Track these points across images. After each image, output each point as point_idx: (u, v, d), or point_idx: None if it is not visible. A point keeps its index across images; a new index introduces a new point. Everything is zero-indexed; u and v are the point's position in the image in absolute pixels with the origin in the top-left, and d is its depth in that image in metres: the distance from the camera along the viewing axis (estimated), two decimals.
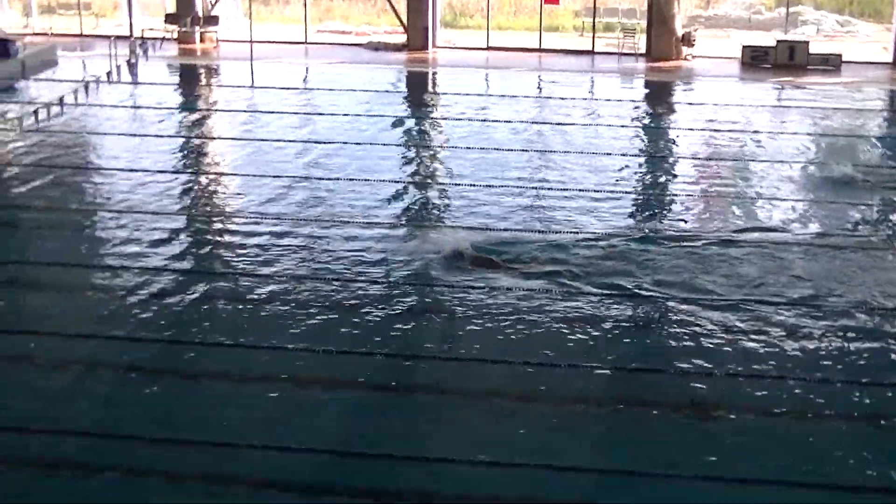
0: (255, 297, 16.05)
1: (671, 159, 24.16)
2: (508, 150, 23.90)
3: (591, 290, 15.89)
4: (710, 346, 14.23)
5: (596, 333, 14.62)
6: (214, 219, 19.69)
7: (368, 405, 13.18)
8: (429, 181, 22.39)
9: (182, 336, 14.77)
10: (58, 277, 16.98)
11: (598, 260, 17.17)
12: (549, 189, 21.23)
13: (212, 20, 36.90)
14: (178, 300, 15.94)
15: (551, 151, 24.00)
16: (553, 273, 16.52)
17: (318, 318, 15.34)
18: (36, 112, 22.69)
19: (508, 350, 14.11)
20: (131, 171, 22.44)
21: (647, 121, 28.49)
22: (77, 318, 15.38)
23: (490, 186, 21.21)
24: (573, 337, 14.53)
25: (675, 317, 15.18)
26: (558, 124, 26.74)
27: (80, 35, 38.13)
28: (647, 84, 33.45)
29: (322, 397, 13.37)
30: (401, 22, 37.03)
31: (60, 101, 23.74)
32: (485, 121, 27.02)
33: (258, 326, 15.07)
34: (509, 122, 26.78)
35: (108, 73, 27.84)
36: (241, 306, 15.80)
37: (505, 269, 16.92)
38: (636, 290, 15.90)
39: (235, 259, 17.51)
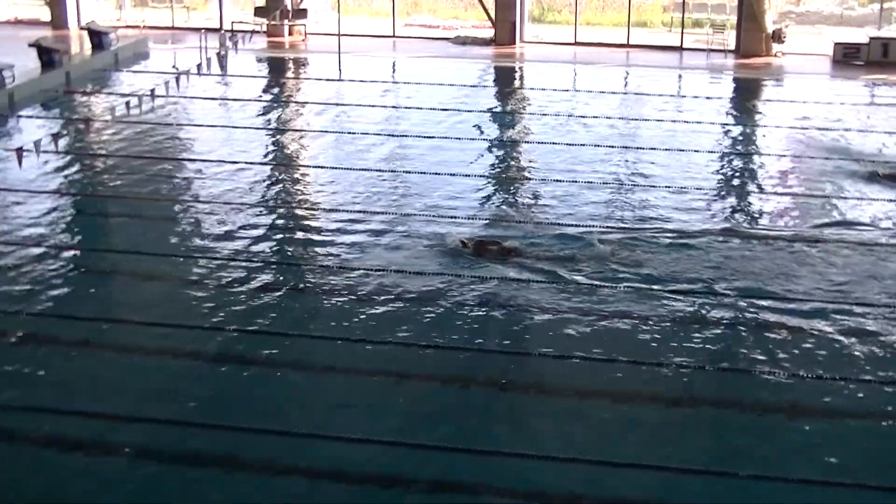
0: (342, 288, 16.20)
1: (759, 157, 23.88)
2: (595, 145, 23.79)
3: (668, 289, 15.83)
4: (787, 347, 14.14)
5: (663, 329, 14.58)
6: (300, 211, 19.87)
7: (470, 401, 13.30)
8: (512, 176, 22.38)
9: (271, 327, 14.97)
10: (144, 266, 17.26)
11: (676, 258, 17.10)
12: (634, 185, 21.14)
13: (300, 13, 37.17)
14: (265, 291, 16.15)
15: (637, 148, 23.85)
16: (634, 272, 16.48)
17: (401, 310, 15.45)
18: (128, 103, 23.01)
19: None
20: (220, 161, 22.73)
21: (734, 118, 28.22)
22: (165, 309, 15.64)
23: (574, 182, 21.15)
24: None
25: (751, 317, 15.07)
26: (645, 120, 26.57)
27: (172, 28, 38.63)
28: (736, 81, 33.11)
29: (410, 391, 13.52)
30: (488, 16, 37.03)
31: (152, 93, 24.02)
32: (570, 116, 26.93)
33: (342, 318, 15.22)
34: (596, 117, 26.67)
35: (199, 66, 28.09)
36: (325, 298, 15.97)
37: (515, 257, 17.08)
38: (718, 291, 15.80)
39: (321, 250, 17.68)
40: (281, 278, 16.66)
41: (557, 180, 21.23)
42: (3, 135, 25.38)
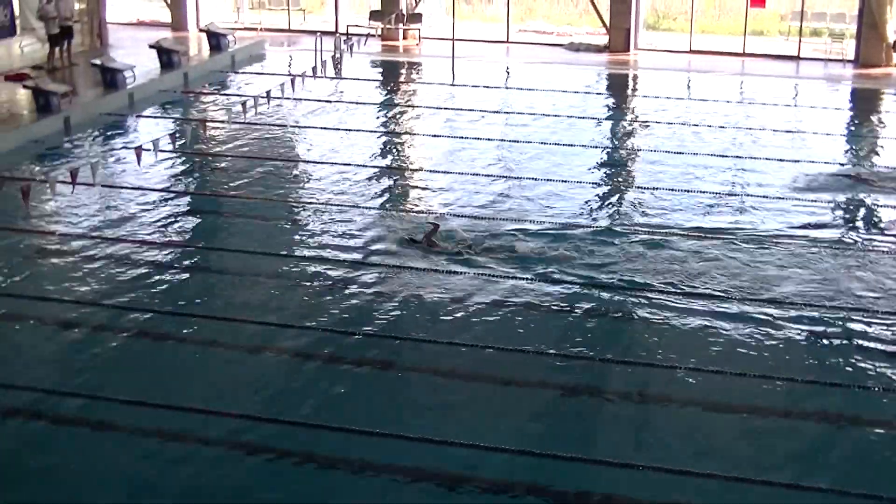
0: (444, 291, 16.26)
1: (875, 170, 23.37)
2: (708, 154, 23.53)
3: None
4: None
5: None
6: (409, 214, 19.94)
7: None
8: (622, 184, 22.24)
9: (379, 330, 15.07)
10: (255, 265, 17.49)
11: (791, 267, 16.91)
12: (745, 195, 20.89)
13: (415, 18, 37.37)
14: (370, 293, 16.27)
15: (751, 157, 23.49)
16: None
17: (517, 318, 15.47)
18: (244, 104, 23.33)
19: None
20: (332, 164, 22.94)
21: (852, 129, 27.72)
22: (274, 308, 15.84)
23: (688, 191, 20.97)
24: None
25: None
26: (760, 129, 26.21)
27: (288, 30, 39.06)
28: (855, 91, 32.49)
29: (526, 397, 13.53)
30: (603, 23, 36.86)
31: (267, 95, 24.31)
32: (684, 124, 26.66)
33: (450, 323, 15.28)
34: (709, 126, 26.37)
35: (314, 68, 28.36)
36: (429, 301, 16.04)
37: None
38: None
39: (432, 256, 17.73)
40: (388, 281, 16.77)
41: (671, 189, 21.07)
42: (123, 134, 25.91)
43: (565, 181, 21.50)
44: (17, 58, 30.79)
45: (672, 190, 21.05)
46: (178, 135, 22.35)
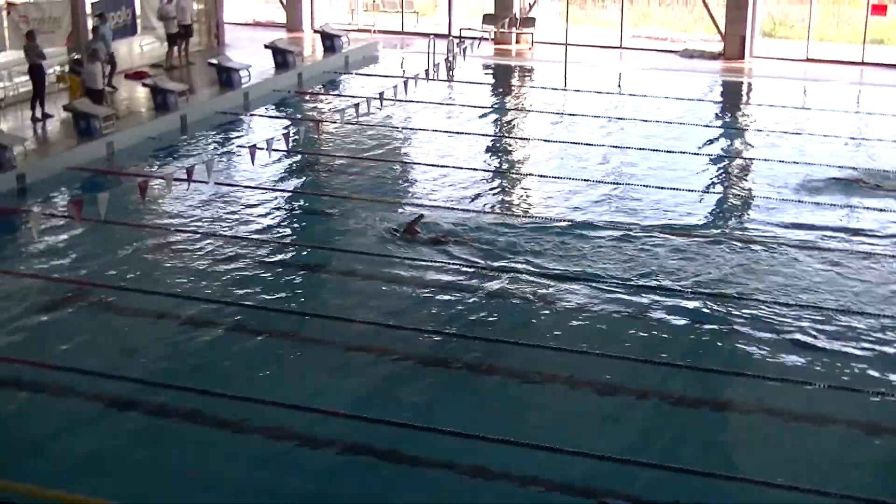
0: (553, 298, 16.26)
1: None
2: (823, 164, 23.13)
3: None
4: None
5: None
6: (514, 218, 19.96)
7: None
8: (733, 192, 21.96)
9: (473, 332, 15.13)
10: (358, 265, 17.66)
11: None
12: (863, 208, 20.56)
13: (528, 22, 37.32)
14: (470, 297, 16.33)
15: (866, 169, 23.01)
16: None
17: (609, 324, 15.43)
18: (357, 105, 23.53)
19: None
20: (441, 166, 23.03)
21: None
22: (376, 308, 16.00)
23: (801, 202, 20.69)
24: None
25: None
26: (878, 140, 25.70)
27: (401, 32, 39.26)
28: None
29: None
30: (718, 30, 36.45)
31: (380, 96, 24.50)
32: (798, 133, 26.23)
33: (555, 328, 15.29)
34: (825, 136, 25.93)
35: (426, 71, 28.51)
36: (536, 307, 16.05)
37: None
38: None
39: (535, 260, 17.73)
40: (491, 283, 16.82)
41: (783, 199, 20.82)
42: (237, 132, 26.29)
43: (676, 188, 21.32)
44: (137, 56, 31.41)
45: (785, 200, 20.78)
46: (291, 134, 22.59)
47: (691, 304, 16.01)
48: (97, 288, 16.65)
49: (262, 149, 20.65)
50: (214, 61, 29.76)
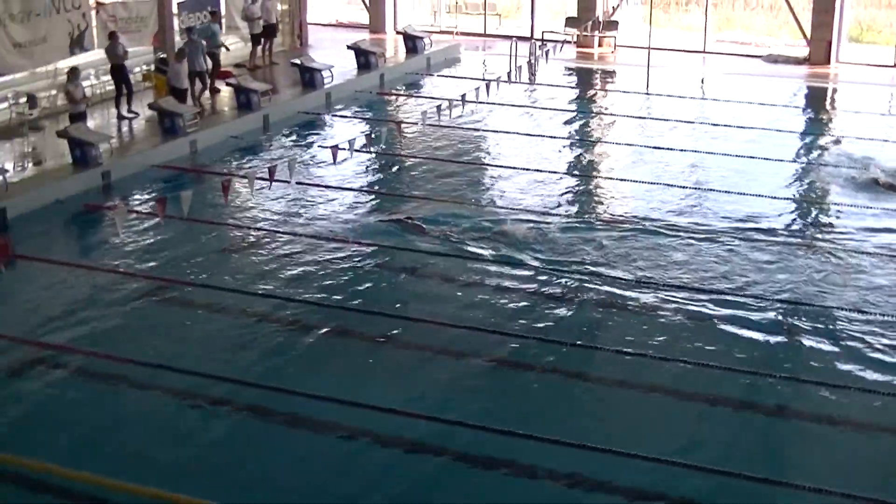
0: (628, 302, 16.20)
1: None
2: None
3: None
4: None
5: None
6: (594, 222, 19.90)
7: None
8: (815, 198, 21.66)
9: (546, 334, 15.12)
10: (441, 268, 17.72)
11: None
12: None
13: (611, 25, 37.15)
14: (543, 300, 16.33)
15: None
16: None
17: (683, 330, 15.33)
18: (438, 107, 23.59)
19: None
20: (522, 169, 23.01)
21: None
22: (458, 310, 16.04)
23: (886, 210, 20.40)
24: None
25: None
26: None
27: (483, 35, 39.27)
28: None
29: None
30: (804, 35, 36.02)
31: (462, 98, 24.55)
32: (886, 141, 25.80)
33: (629, 332, 15.25)
34: None
35: (508, 73, 28.52)
36: (612, 311, 16.00)
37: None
38: None
39: (612, 263, 17.69)
40: (567, 286, 16.79)
41: (867, 207, 20.55)
42: (319, 132, 26.47)
43: (758, 195, 21.12)
44: (223, 55, 31.68)
45: (867, 207, 20.51)
46: (372, 135, 22.69)
47: (767, 312, 15.86)
48: (178, 285, 16.87)
49: (343, 149, 20.81)
50: (297, 61, 29.98)
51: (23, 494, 11.68)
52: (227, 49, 29.39)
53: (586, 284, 16.85)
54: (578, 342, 14.88)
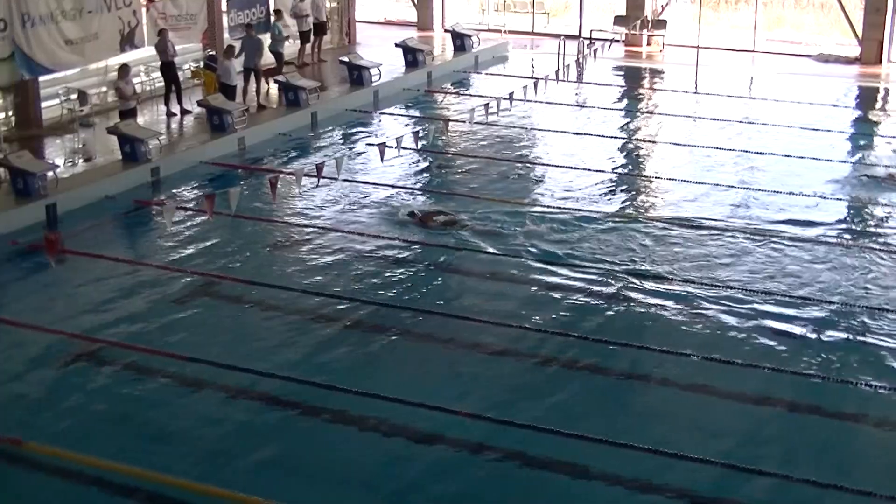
0: (676, 302, 16.14)
1: None
2: None
3: None
4: None
5: None
6: (640, 221, 19.82)
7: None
8: (865, 199, 21.43)
9: (596, 334, 15.09)
10: (486, 265, 17.72)
11: None
12: None
13: (660, 24, 36.98)
14: (594, 299, 16.29)
15: None
16: None
17: (736, 331, 15.25)
18: (486, 105, 23.59)
19: None
20: (569, 167, 22.96)
21: None
22: (506, 307, 16.06)
23: None
24: None
25: None
26: None
27: (532, 33, 39.21)
28: None
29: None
30: (855, 34, 35.72)
31: (510, 96, 24.54)
32: None
33: (677, 333, 15.17)
34: None
35: (556, 72, 28.48)
36: (672, 313, 15.93)
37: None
38: None
39: (659, 263, 17.63)
40: (616, 285, 16.75)
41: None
42: (366, 130, 26.53)
43: (807, 195, 20.97)
44: (269, 53, 31.82)
45: None
46: (420, 133, 22.71)
47: (817, 312, 15.77)
48: (226, 281, 16.96)
49: (391, 147, 20.85)
50: (346, 59, 30.06)
51: (76, 489, 11.78)
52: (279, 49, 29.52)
53: (634, 283, 16.80)
54: (627, 342, 14.83)
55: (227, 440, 12.61)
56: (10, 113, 24.64)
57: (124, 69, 23.76)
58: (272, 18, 30.21)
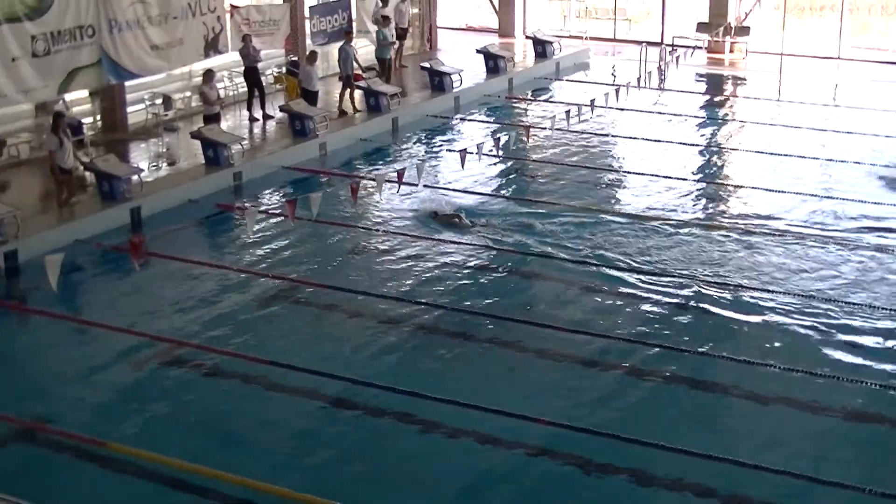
0: (766, 313, 16.00)
1: None
2: None
3: None
4: None
5: None
6: (719, 229, 19.67)
7: None
8: None
9: (678, 343, 15.01)
10: (560, 272, 17.68)
11: None
12: None
13: (743, 31, 36.63)
14: (674, 310, 16.23)
15: None
16: None
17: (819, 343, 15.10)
18: (567, 112, 23.54)
19: None
20: (649, 175, 22.84)
21: None
22: (577, 314, 16.04)
23: None
24: None
25: None
26: None
27: (613, 40, 39.04)
28: None
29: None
30: None
31: (591, 103, 24.46)
32: None
33: (758, 343, 15.05)
34: None
35: (638, 78, 28.35)
36: (752, 322, 15.79)
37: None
38: None
39: (745, 272, 17.51)
40: (697, 296, 16.63)
41: None
42: (447, 136, 26.58)
43: (893, 204, 20.65)
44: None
45: None
46: (500, 139, 22.69)
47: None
48: (306, 285, 17.09)
49: (472, 153, 20.87)
50: (427, 65, 30.13)
51: (156, 489, 11.94)
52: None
53: (713, 292, 16.69)
54: (708, 351, 14.75)
55: (302, 443, 12.72)
56: (97, 117, 25.06)
57: (209, 74, 24.04)
58: (375, 25, 30.44)
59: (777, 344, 15.03)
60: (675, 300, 16.47)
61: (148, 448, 12.38)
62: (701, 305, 16.29)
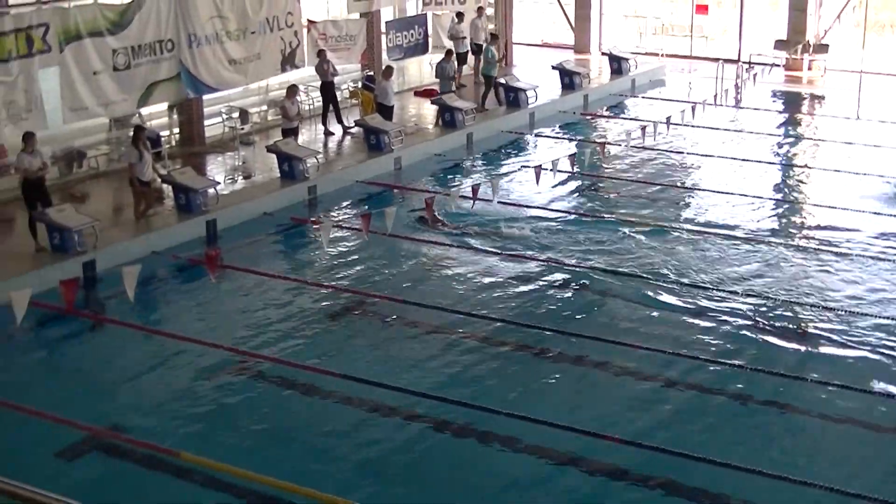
0: (848, 335, 15.81)
1: None
2: None
3: None
4: None
5: None
6: (792, 248, 19.49)
7: None
8: None
9: (752, 363, 14.89)
10: (636, 289, 17.63)
11: None
12: None
13: (822, 48, 36.24)
14: (742, 330, 16.08)
15: None
16: None
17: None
18: (643, 129, 23.43)
19: None
20: (724, 192, 22.67)
21: None
22: (650, 332, 15.94)
23: None
24: None
25: None
26: None
27: (689, 56, 38.81)
28: None
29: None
30: None
31: (667, 121, 24.31)
32: None
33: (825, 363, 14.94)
34: None
35: (714, 96, 28.14)
36: (830, 343, 15.64)
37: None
38: None
39: (821, 292, 17.33)
40: (771, 316, 16.46)
41: None
42: (522, 152, 26.56)
43: None
44: (426, 75, 32.19)
45: None
46: (575, 156, 22.60)
47: None
48: (379, 299, 17.14)
49: (547, 169, 20.82)
50: (503, 81, 30.13)
51: (228, 501, 12.02)
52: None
53: (783, 312, 16.53)
54: (772, 371, 14.64)
55: (374, 457, 12.74)
56: (175, 130, 25.36)
57: (293, 89, 24.24)
58: (482, 43, 30.61)
59: (859, 365, 14.85)
60: (751, 319, 16.29)
61: (220, 459, 12.46)
62: (775, 324, 16.10)
